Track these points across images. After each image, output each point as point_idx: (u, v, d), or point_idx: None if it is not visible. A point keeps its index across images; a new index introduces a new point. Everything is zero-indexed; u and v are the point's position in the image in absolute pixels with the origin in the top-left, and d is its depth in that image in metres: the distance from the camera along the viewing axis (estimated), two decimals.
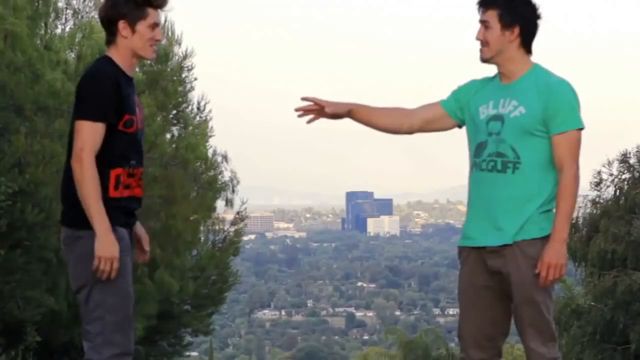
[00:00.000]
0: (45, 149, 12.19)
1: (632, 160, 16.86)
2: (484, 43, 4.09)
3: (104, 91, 3.75)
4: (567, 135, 3.95)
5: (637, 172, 16.82)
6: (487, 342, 4.12)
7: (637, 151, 16.97)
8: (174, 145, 17.08)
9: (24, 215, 11.71)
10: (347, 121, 4.36)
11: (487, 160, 4.04)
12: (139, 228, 4.10)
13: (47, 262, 12.37)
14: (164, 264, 15.57)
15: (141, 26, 3.85)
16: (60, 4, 15.88)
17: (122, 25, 3.83)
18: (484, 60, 4.12)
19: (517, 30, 4.03)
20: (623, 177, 16.89)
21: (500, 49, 4.05)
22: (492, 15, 4.04)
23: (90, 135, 3.72)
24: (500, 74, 4.15)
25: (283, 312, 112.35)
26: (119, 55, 3.87)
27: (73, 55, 15.80)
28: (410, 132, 4.29)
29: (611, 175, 16.87)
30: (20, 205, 11.67)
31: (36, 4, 13.29)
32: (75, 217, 3.81)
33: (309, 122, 4.28)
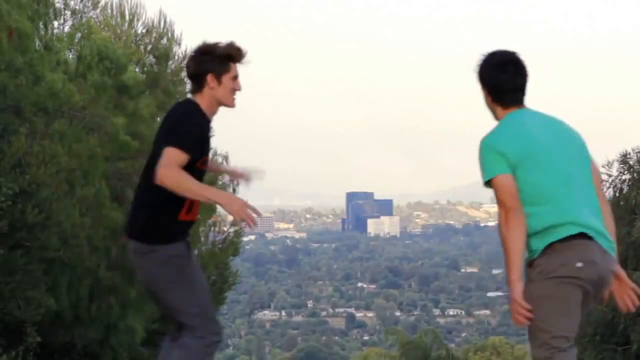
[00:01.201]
0: (46, 150, 12.20)
1: (632, 161, 16.87)
2: None
3: (197, 131, 4.32)
4: (492, 190, 4.12)
5: (637, 173, 16.83)
6: None
7: (637, 152, 16.98)
8: None
9: (25, 215, 11.72)
10: (346, 121, 4.43)
11: None
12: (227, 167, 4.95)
13: (47, 263, 12.39)
14: None
15: (225, 78, 4.45)
16: (57, 5, 15.88)
17: (210, 78, 4.41)
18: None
19: (485, 91, 4.27)
20: (623, 178, 16.89)
21: (489, 109, 4.33)
22: None
23: (176, 158, 4.20)
24: None
25: (283, 313, 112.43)
26: (204, 102, 4.43)
27: (72, 56, 15.82)
28: None
29: (611, 176, 16.87)
30: (21, 205, 11.68)
31: (36, 5, 13.29)
32: (148, 234, 4.41)
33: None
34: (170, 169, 4.12)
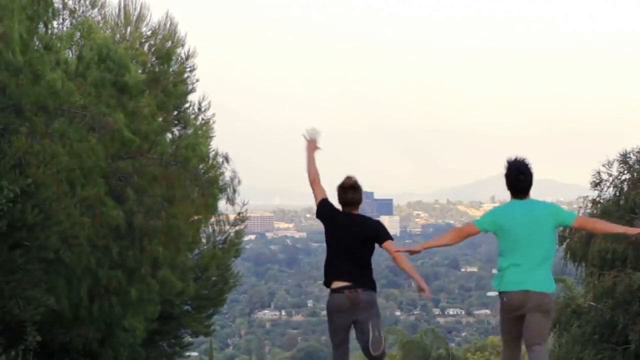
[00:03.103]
0: (46, 150, 12.18)
1: (632, 161, 16.86)
2: None
3: None
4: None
5: (637, 172, 16.82)
6: None
7: (637, 151, 16.97)
8: (174, 146, 17.06)
9: (24, 215, 11.72)
10: (346, 121, 4.40)
11: None
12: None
13: (47, 262, 12.38)
14: (166, 263, 15.56)
15: None
16: (55, 4, 15.83)
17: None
18: None
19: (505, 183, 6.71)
20: (623, 177, 16.89)
21: None
22: None
23: None
24: None
25: (283, 312, 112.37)
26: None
27: (72, 55, 15.80)
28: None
29: (611, 175, 16.86)
30: (21, 205, 11.67)
31: (36, 5, 13.27)
32: (374, 287, 7.16)
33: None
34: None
